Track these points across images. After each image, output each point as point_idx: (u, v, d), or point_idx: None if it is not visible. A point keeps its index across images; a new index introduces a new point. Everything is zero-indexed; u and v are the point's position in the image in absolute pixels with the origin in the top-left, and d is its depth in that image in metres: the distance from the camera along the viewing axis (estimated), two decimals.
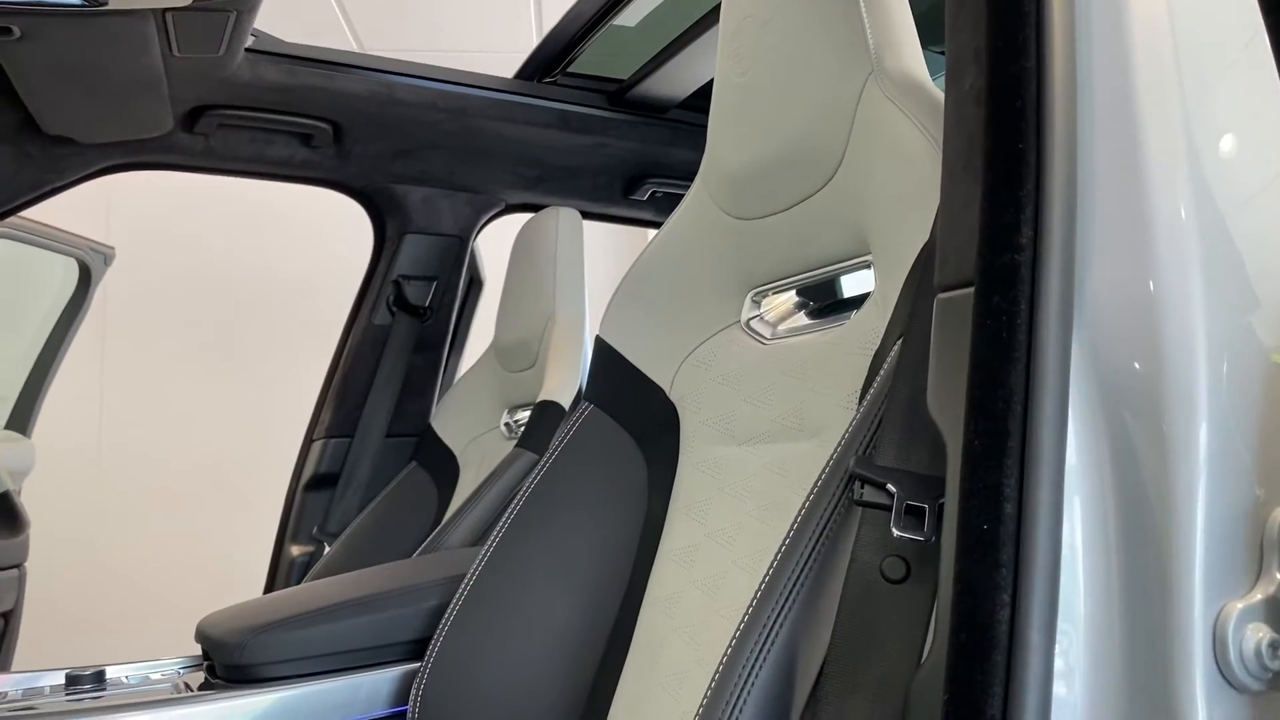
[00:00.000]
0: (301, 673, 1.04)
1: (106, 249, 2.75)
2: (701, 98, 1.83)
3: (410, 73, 1.71)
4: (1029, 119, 0.54)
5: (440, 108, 1.74)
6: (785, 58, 0.88)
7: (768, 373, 0.95)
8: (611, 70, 1.84)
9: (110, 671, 1.14)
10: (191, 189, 3.10)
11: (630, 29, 1.70)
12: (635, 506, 1.02)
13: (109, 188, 1.92)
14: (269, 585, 1.94)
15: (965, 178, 0.57)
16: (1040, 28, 0.55)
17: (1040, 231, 0.51)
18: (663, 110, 1.89)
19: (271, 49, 1.62)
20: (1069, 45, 0.54)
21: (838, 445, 0.71)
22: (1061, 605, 0.49)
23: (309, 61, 1.63)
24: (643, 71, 1.78)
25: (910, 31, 0.84)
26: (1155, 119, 0.54)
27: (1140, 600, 0.50)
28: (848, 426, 0.71)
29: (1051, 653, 0.48)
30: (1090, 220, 0.52)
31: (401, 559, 1.56)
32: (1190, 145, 0.54)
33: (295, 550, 1.90)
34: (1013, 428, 0.49)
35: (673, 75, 1.77)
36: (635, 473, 1.03)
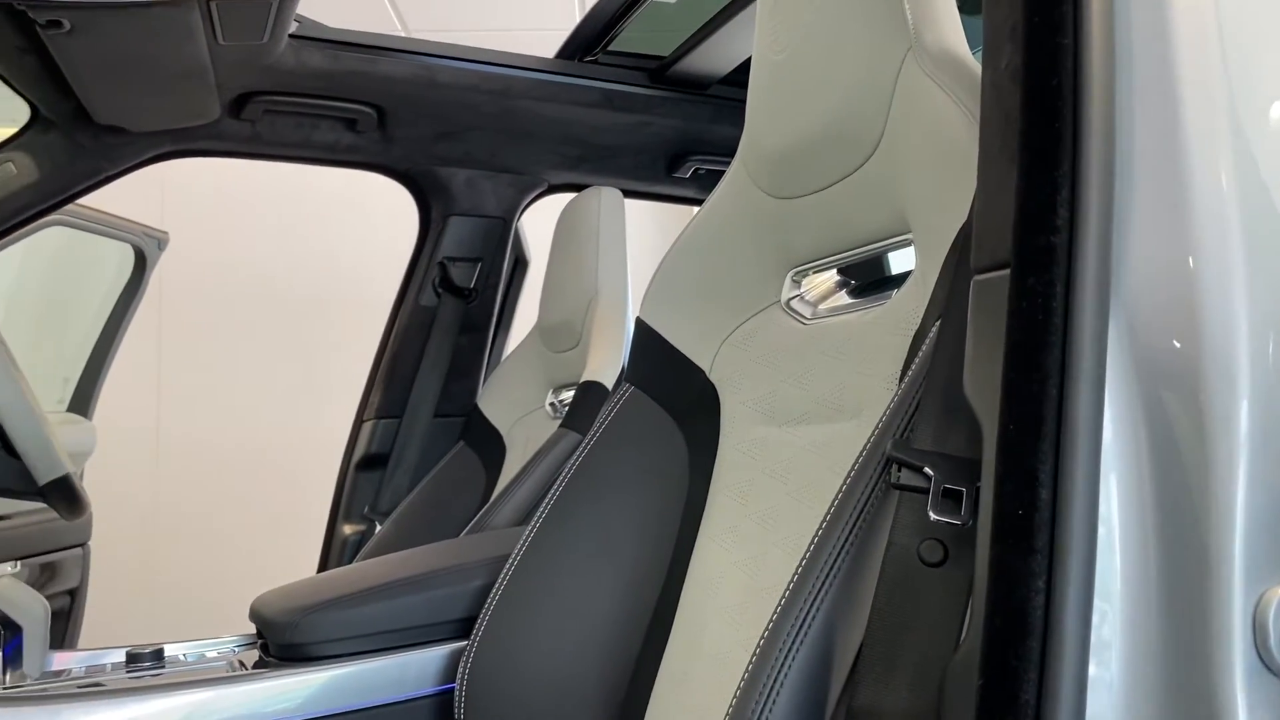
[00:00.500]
0: (352, 651, 1.06)
1: (160, 234, 2.80)
2: (744, 73, 1.81)
3: (451, 55, 1.72)
4: (1066, 97, 0.53)
5: (482, 89, 1.74)
6: (822, 34, 0.87)
7: (808, 353, 0.94)
8: (652, 47, 1.83)
9: (169, 650, 1.17)
10: (242, 174, 3.15)
11: (670, 5, 1.69)
12: (676, 487, 1.02)
13: (162, 174, 1.95)
14: (322, 563, 1.98)
15: (1001, 158, 0.56)
16: (1078, 3, 0.54)
17: (1077, 212, 0.51)
18: (704, 87, 1.88)
19: (314, 34, 1.63)
20: (1107, 20, 0.53)
21: (875, 427, 0.71)
22: (1098, 588, 0.49)
23: (351, 46, 1.64)
24: (684, 48, 1.76)
25: (949, 5, 0.83)
26: (1197, 94, 0.53)
27: (1179, 584, 0.49)
28: (885, 409, 0.70)
29: (1087, 638, 0.48)
30: (1128, 199, 0.51)
31: (450, 537, 1.59)
32: (1233, 119, 0.52)
33: (347, 529, 1.94)
34: (1048, 412, 0.48)
35: (714, 51, 1.76)
36: (676, 454, 1.04)
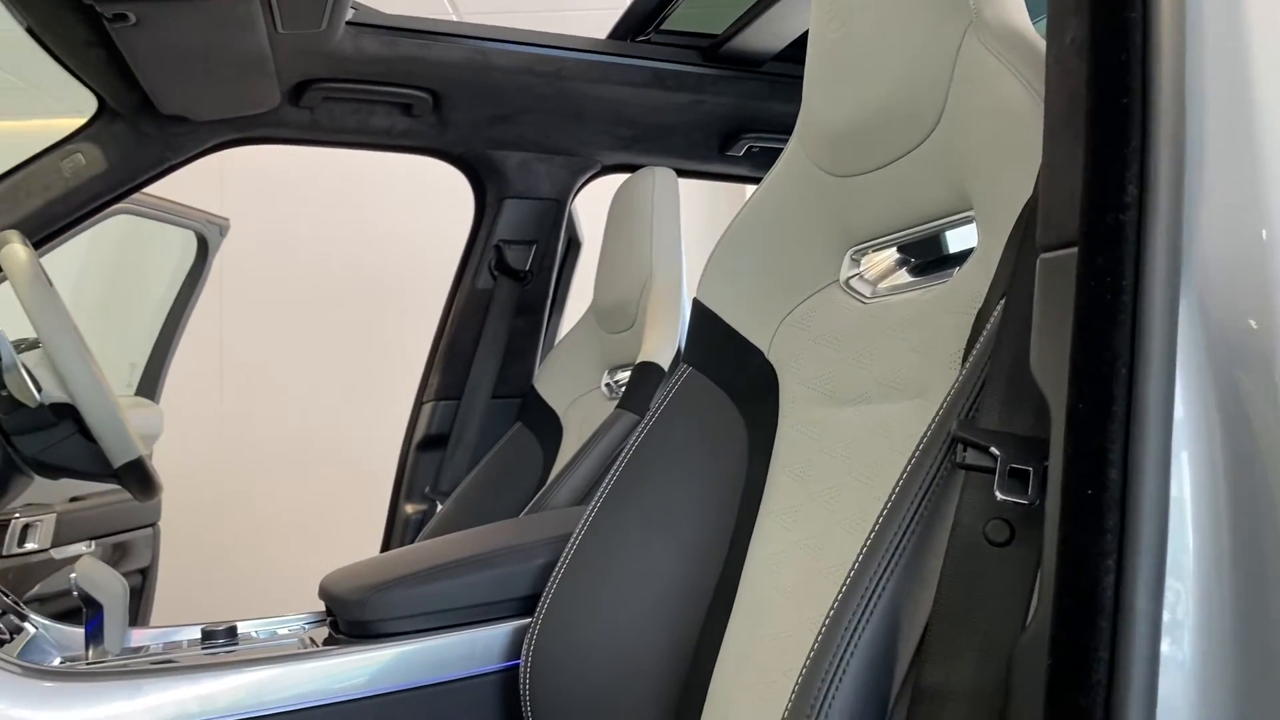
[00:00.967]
0: (419, 628, 1.08)
1: (221, 220, 2.86)
2: (798, 48, 1.80)
3: (504, 38, 1.73)
4: (1134, 72, 0.52)
5: (535, 72, 1.75)
6: (880, 10, 0.87)
7: (868, 332, 0.94)
8: (705, 26, 1.82)
9: (241, 627, 1.21)
10: (299, 160, 3.19)
11: None
12: (736, 468, 1.03)
13: (220, 161, 1.99)
14: (385, 541, 2.02)
15: (1067, 134, 0.56)
16: None
17: (1146, 189, 0.50)
18: (758, 64, 1.87)
19: (370, 21, 1.65)
20: None
21: (940, 407, 0.70)
22: (1170, 566, 0.49)
23: (406, 32, 1.66)
24: (737, 25, 1.75)
25: None
26: (1271, 65, 0.52)
27: (1253, 563, 0.49)
28: (950, 388, 0.70)
29: (1159, 617, 0.48)
30: (1199, 175, 0.51)
31: (510, 516, 1.61)
32: None
33: (409, 508, 1.98)
34: (1117, 392, 0.48)
35: (767, 28, 1.75)
36: (735, 434, 1.04)
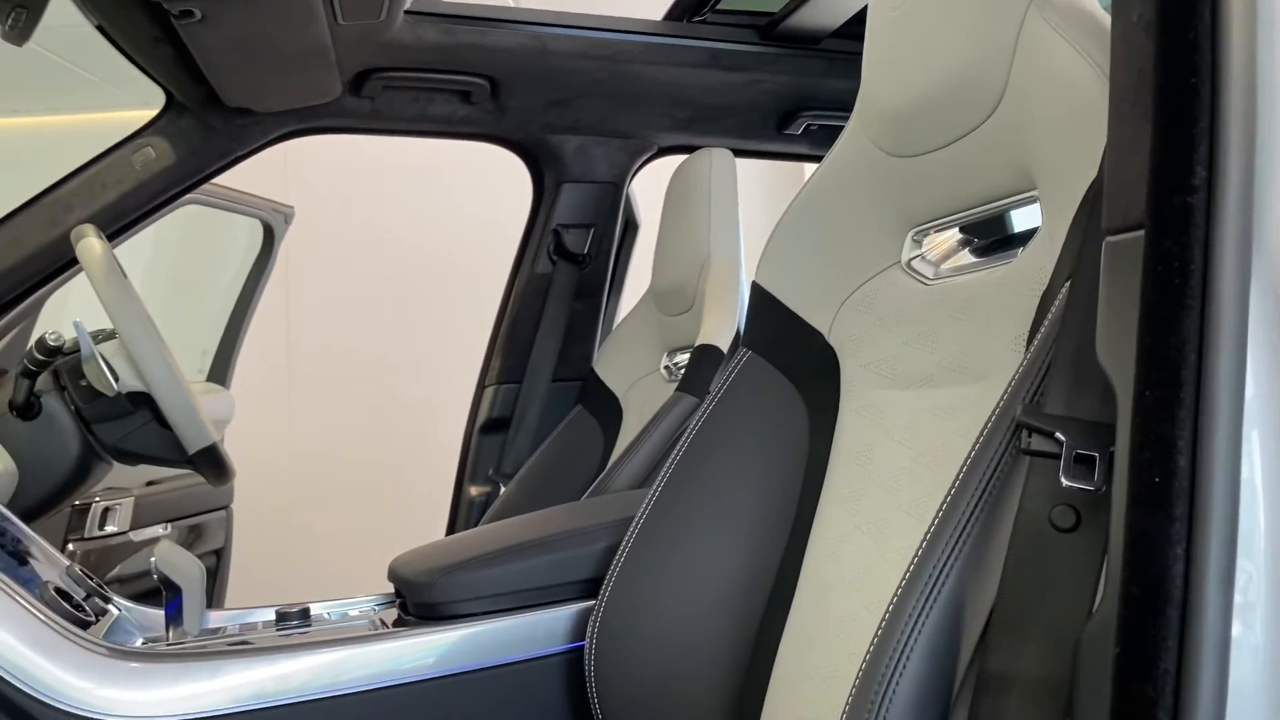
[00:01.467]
0: (485, 610, 1.10)
1: (286, 208, 2.91)
2: (857, 24, 1.78)
3: (560, 23, 1.73)
4: (1203, 50, 0.51)
5: (591, 56, 1.75)
6: None
7: (931, 314, 0.93)
8: (760, 4, 1.81)
9: (314, 608, 1.24)
10: (361, 148, 3.23)
11: None
12: (797, 451, 1.03)
13: (284, 149, 2.03)
14: (451, 523, 2.06)
15: (1133, 114, 0.55)
16: None
17: (1215, 170, 0.49)
18: (816, 41, 1.85)
19: (429, 9, 1.67)
20: None
21: (1005, 391, 0.70)
22: (1241, 548, 0.48)
23: (464, 19, 1.67)
24: (794, 2, 1.74)
25: None
26: None
27: None
28: (1015, 371, 0.70)
29: (1229, 604, 0.47)
30: (1270, 156, 0.50)
31: (572, 499, 1.63)
32: None
33: (473, 491, 2.01)
34: (1186, 378, 0.47)
35: (825, 4, 1.73)
36: (796, 418, 1.04)
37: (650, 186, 2.14)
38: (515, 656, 1.09)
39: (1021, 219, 0.89)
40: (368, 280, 3.88)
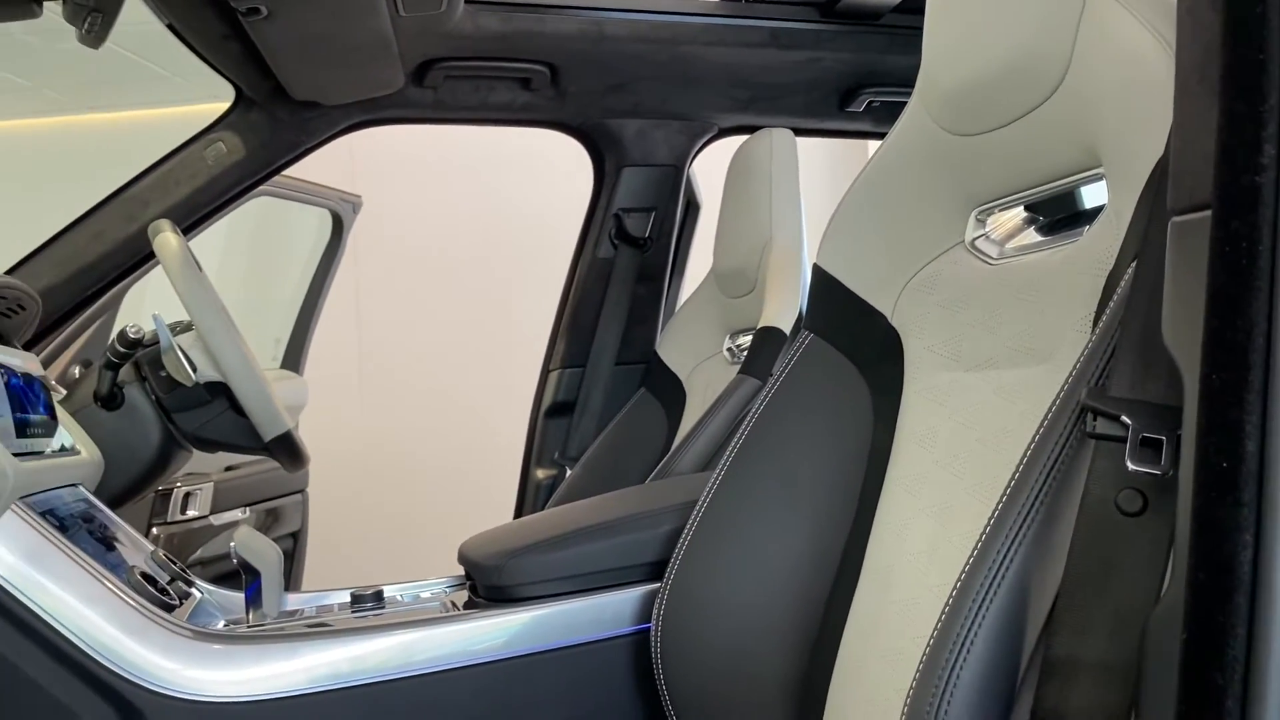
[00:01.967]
0: (553, 592, 1.12)
1: (354, 198, 2.96)
2: None
3: (618, 7, 1.73)
4: (1272, 24, 0.49)
5: (649, 39, 1.75)
6: None
7: (995, 295, 0.92)
8: None
9: (387, 591, 1.27)
10: (425, 136, 3.27)
11: None
12: (860, 434, 1.03)
13: (351, 140, 2.07)
14: (518, 506, 2.09)
15: (1201, 92, 0.54)
16: None
17: None
18: (877, 17, 1.83)
19: None
20: None
21: (1070, 373, 0.69)
22: None
23: (523, 7, 1.68)
24: None
25: None
26: None
27: None
28: (1080, 353, 0.69)
29: None
30: None
31: (637, 481, 1.64)
32: None
33: (540, 474, 2.03)
34: (1254, 361, 0.47)
35: None
36: (859, 400, 1.04)
37: (712, 167, 2.14)
38: (583, 638, 1.11)
39: (1087, 197, 0.87)
40: (435, 267, 3.94)
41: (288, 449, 1.47)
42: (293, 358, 2.99)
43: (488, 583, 1.15)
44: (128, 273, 1.77)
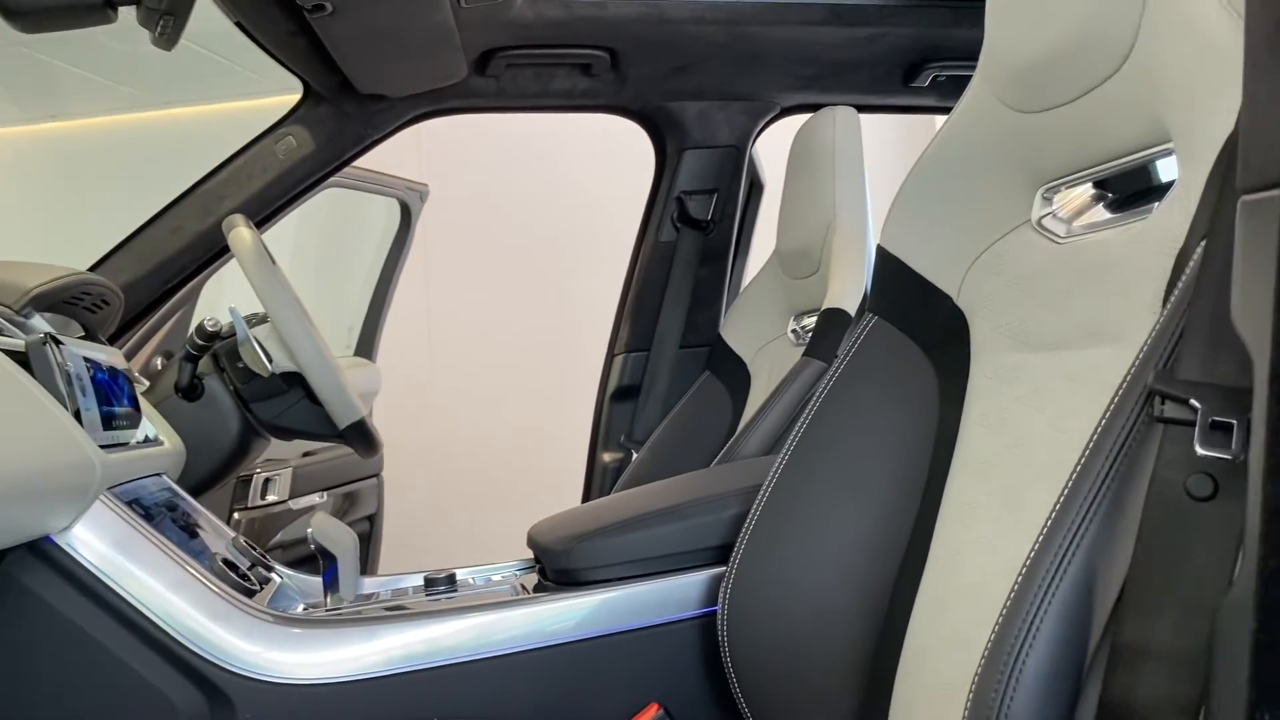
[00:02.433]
0: (619, 576, 1.14)
1: (421, 186, 3.00)
2: None
3: None
4: None
5: (709, 20, 1.74)
6: None
7: (1063, 274, 0.91)
8: None
9: (459, 574, 1.30)
10: (489, 124, 3.30)
11: None
12: (927, 417, 1.02)
13: (418, 130, 2.10)
14: (586, 488, 2.11)
15: (1271, 66, 0.52)
16: None
17: None
18: None
19: None
20: None
21: (1137, 355, 0.68)
22: None
23: None
24: None
25: None
26: None
27: None
28: (1148, 335, 0.67)
29: None
30: None
31: (702, 464, 1.65)
32: None
33: (607, 457, 2.05)
34: None
35: None
36: (925, 383, 1.03)
37: (776, 145, 2.12)
38: (650, 621, 1.12)
39: (1156, 173, 0.85)
40: (503, 253, 3.98)
41: (361, 436, 1.51)
42: (365, 345, 3.05)
43: (556, 566, 1.17)
44: (205, 266, 1.82)
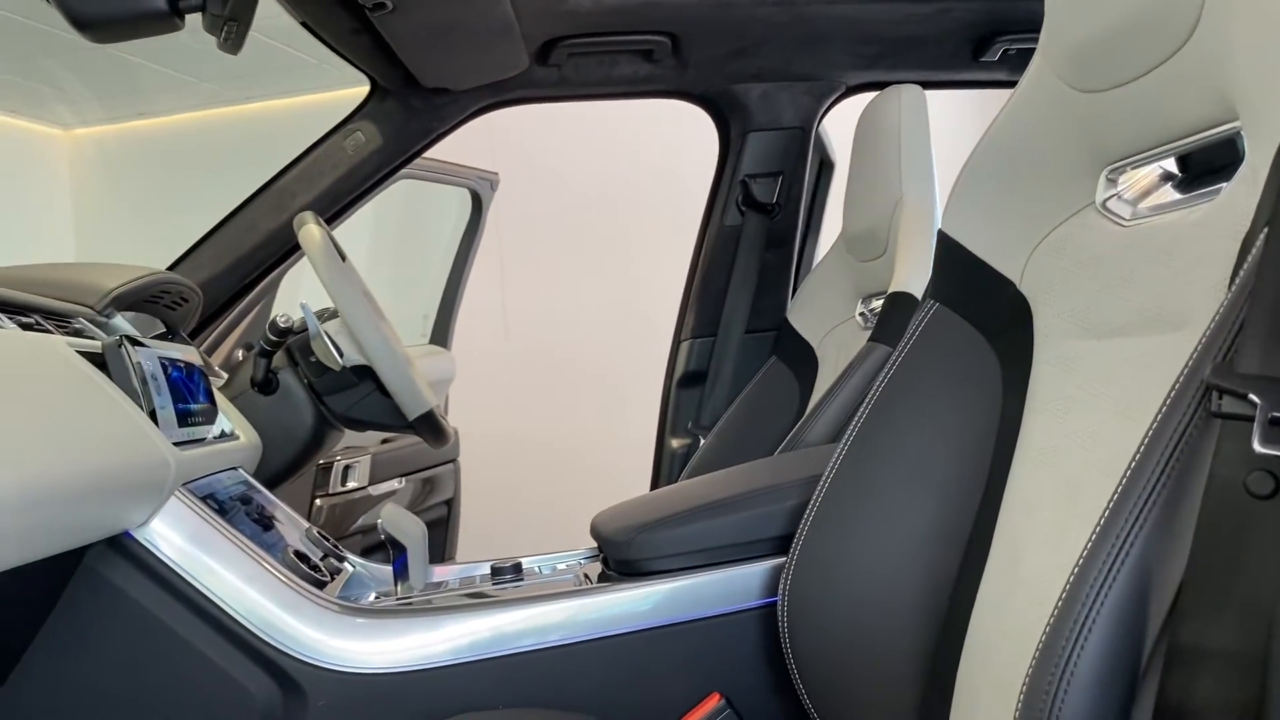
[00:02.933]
0: (681, 566, 1.14)
1: (491, 175, 3.03)
2: None
3: None
4: None
5: (769, 0, 1.72)
6: None
7: (1127, 258, 0.88)
8: None
9: (525, 563, 1.32)
10: (557, 112, 3.31)
11: None
12: (989, 406, 1.00)
13: (490, 119, 2.11)
14: (655, 475, 2.11)
15: None
16: None
17: None
18: None
19: None
20: None
21: (1196, 345, 0.66)
22: None
23: None
24: None
25: None
26: None
27: None
28: (1207, 325, 0.65)
29: None
30: None
31: (769, 450, 1.64)
32: None
33: (674, 443, 2.05)
34: None
35: None
36: (987, 371, 1.01)
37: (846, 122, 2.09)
38: (711, 611, 1.12)
39: (1224, 152, 0.82)
40: (574, 238, 4.00)
41: (430, 426, 1.53)
42: (440, 333, 3.10)
43: (617, 557, 1.18)
44: (279, 262, 1.87)
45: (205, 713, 1.03)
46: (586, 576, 1.24)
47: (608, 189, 3.98)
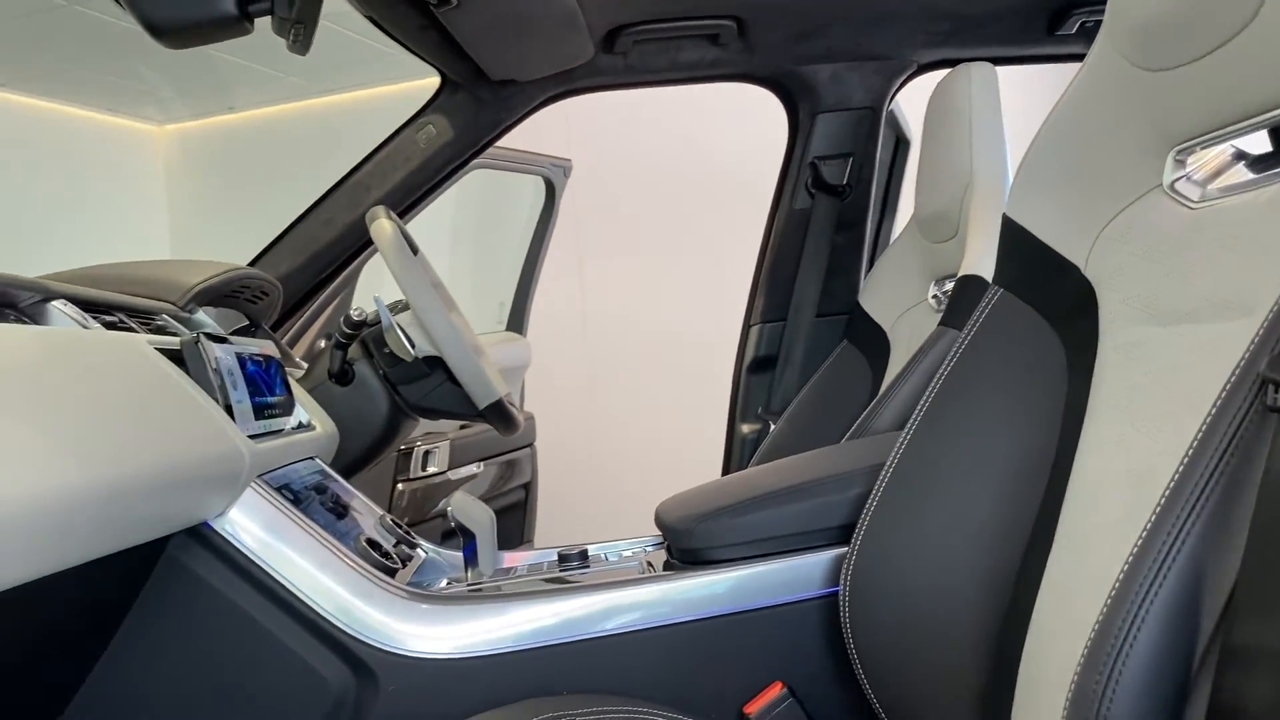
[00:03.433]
0: (742, 555, 1.14)
1: (564, 162, 3.05)
2: None
3: None
4: None
5: None
6: None
7: (1195, 242, 0.85)
8: None
9: (591, 550, 1.33)
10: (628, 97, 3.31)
11: None
12: (1053, 394, 0.98)
13: (564, 107, 2.13)
14: (726, 460, 2.11)
15: None
16: None
17: None
18: None
19: None
20: None
21: (1255, 333, 0.64)
22: None
23: None
24: None
25: None
26: None
27: None
28: (1267, 314, 0.63)
29: None
30: None
31: (840, 435, 1.63)
32: None
33: (745, 429, 2.05)
34: None
35: None
36: (1052, 359, 0.99)
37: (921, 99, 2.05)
38: (773, 600, 1.12)
39: None
40: (650, 224, 4.01)
41: (500, 415, 1.56)
42: (516, 319, 3.15)
43: (680, 545, 1.19)
44: (356, 255, 1.92)
45: (280, 696, 1.08)
46: (650, 564, 1.25)
47: (683, 172, 3.97)
